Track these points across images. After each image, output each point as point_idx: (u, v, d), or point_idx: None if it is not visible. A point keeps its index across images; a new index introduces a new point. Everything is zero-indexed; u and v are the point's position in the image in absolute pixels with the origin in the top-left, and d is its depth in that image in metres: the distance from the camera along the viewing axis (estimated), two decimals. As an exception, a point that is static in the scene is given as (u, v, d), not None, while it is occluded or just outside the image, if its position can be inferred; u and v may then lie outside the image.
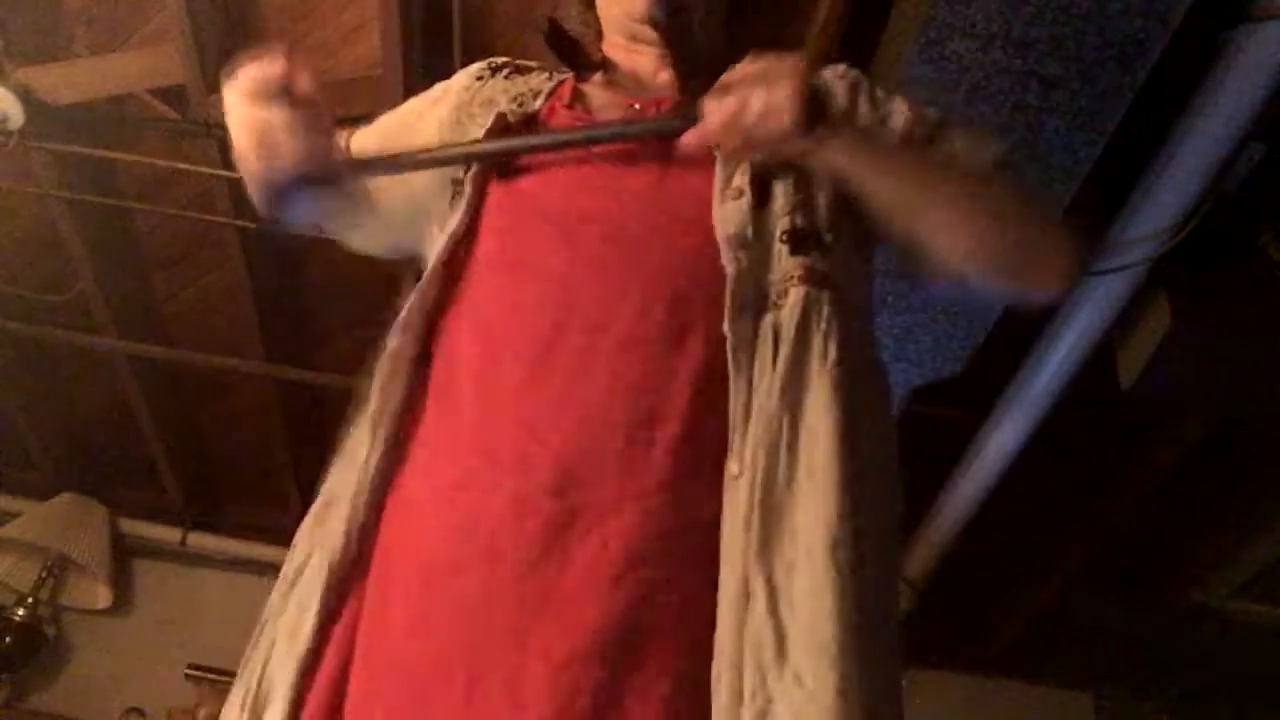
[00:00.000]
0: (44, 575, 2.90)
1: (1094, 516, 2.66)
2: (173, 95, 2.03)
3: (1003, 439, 2.14)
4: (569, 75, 1.02)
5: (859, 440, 0.74)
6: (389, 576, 0.81)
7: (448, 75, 1.90)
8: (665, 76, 0.98)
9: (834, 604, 0.66)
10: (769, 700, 0.65)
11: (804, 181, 0.86)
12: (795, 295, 0.79)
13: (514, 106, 0.96)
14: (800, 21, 1.91)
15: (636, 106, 0.94)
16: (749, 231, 0.81)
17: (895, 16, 1.57)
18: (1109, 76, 1.47)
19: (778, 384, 0.74)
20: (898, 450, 0.83)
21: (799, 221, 0.83)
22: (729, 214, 0.82)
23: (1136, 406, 2.07)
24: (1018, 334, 1.98)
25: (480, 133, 0.94)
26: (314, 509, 0.91)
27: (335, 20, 1.97)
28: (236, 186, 2.14)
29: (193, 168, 2.11)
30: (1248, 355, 1.87)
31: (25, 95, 1.95)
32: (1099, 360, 1.96)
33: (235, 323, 2.48)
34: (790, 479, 0.71)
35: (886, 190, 0.85)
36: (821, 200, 0.86)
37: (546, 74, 1.03)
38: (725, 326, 0.77)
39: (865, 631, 0.67)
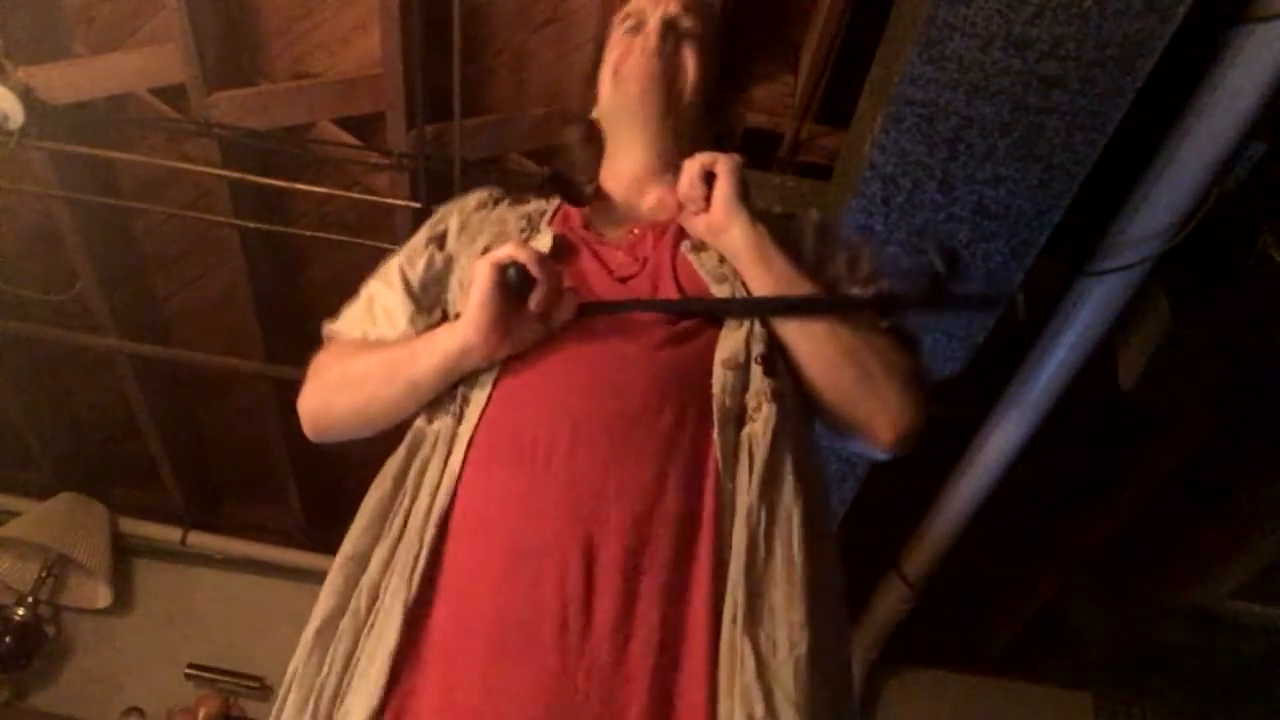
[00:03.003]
0: (44, 575, 2.90)
1: (1094, 516, 2.66)
2: (173, 95, 2.03)
3: (1003, 439, 2.14)
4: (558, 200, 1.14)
5: (818, 526, 0.89)
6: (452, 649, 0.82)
7: (448, 75, 1.91)
8: (652, 199, 1.11)
9: (809, 673, 0.80)
10: None
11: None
12: (767, 411, 0.91)
13: (523, 225, 1.09)
14: (800, 22, 1.91)
15: (636, 232, 1.07)
16: (739, 355, 0.94)
17: (895, 16, 1.58)
18: (1109, 76, 1.47)
19: (756, 486, 0.87)
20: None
21: (766, 347, 0.96)
22: (726, 341, 0.95)
23: (1136, 406, 2.07)
24: (1018, 334, 1.98)
25: (484, 244, 1.05)
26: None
27: (335, 20, 1.97)
28: (236, 186, 2.14)
29: (193, 168, 2.11)
30: (1248, 355, 1.87)
31: (25, 95, 1.95)
32: (1099, 360, 1.96)
33: (235, 323, 2.48)
34: (768, 561, 0.84)
35: (767, 288, 0.99)
36: (768, 329, 0.99)
37: (542, 200, 1.15)
38: (714, 435, 0.88)
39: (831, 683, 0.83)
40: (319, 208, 2.26)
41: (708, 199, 1.01)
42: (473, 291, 0.92)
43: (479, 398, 0.92)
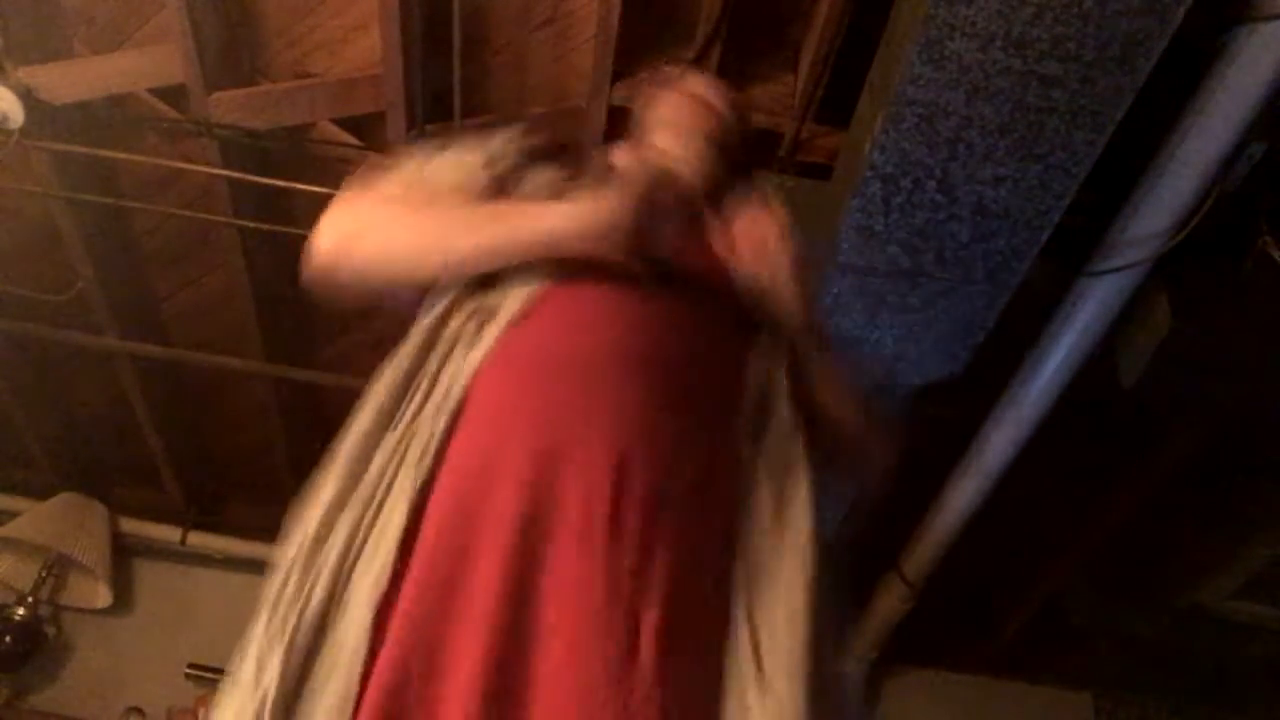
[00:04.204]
0: (44, 575, 2.90)
1: (1094, 516, 2.66)
2: (173, 95, 2.03)
3: (1003, 439, 2.14)
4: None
5: (820, 520, 0.94)
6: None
7: (448, 75, 1.91)
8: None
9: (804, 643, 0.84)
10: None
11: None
12: (785, 408, 0.97)
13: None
14: (800, 22, 1.91)
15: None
16: (768, 384, 0.99)
17: (895, 16, 1.57)
18: (1109, 76, 1.47)
19: (774, 469, 0.92)
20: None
21: (793, 358, 1.01)
22: (758, 365, 0.99)
23: (1136, 406, 2.08)
24: (1018, 334, 1.98)
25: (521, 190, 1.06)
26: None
27: (336, 19, 1.97)
28: (236, 186, 2.14)
29: (193, 167, 2.11)
30: (1248, 355, 1.87)
31: (25, 95, 1.95)
32: (1099, 360, 1.96)
33: (235, 323, 2.48)
34: (776, 552, 0.88)
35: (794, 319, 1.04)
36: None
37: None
38: (741, 432, 0.93)
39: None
40: (319, 208, 2.25)
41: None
42: (628, 182, 0.94)
43: (509, 306, 0.93)
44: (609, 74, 1.90)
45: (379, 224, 1.01)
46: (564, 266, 0.94)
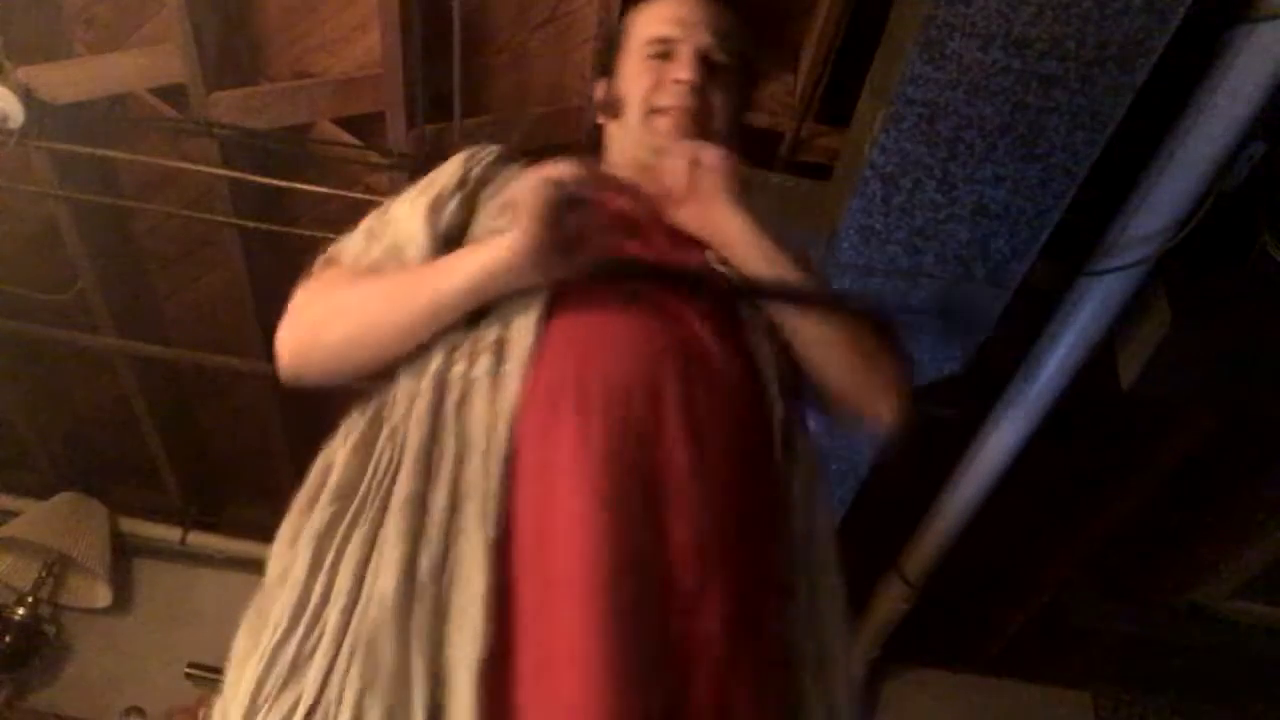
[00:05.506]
0: (44, 575, 2.90)
1: (1094, 516, 2.66)
2: (173, 95, 2.03)
3: (1003, 439, 2.14)
4: None
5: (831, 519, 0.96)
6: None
7: (448, 75, 1.91)
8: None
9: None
10: None
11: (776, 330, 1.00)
12: (803, 443, 0.94)
13: None
14: (800, 22, 1.91)
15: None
16: (775, 373, 0.94)
17: (895, 16, 1.58)
18: (1109, 76, 1.47)
19: (801, 513, 0.90)
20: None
21: (794, 373, 0.98)
22: (763, 352, 0.95)
23: (1136, 406, 2.07)
24: (1018, 334, 1.98)
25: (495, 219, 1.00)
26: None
27: (336, 19, 1.97)
28: (236, 186, 2.14)
29: (193, 167, 2.11)
30: (1248, 355, 1.87)
31: (25, 95, 1.95)
32: (1099, 360, 1.96)
33: (235, 323, 2.48)
34: (814, 598, 0.88)
35: (765, 272, 0.98)
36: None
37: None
38: (778, 456, 0.90)
39: None
40: (319, 208, 2.25)
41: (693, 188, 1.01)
42: (523, 208, 0.87)
43: (521, 339, 0.88)
44: (609, 74, 1.90)
45: (320, 318, 1.00)
46: (544, 289, 0.91)
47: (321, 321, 1.00)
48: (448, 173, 1.07)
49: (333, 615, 0.79)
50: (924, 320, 1.83)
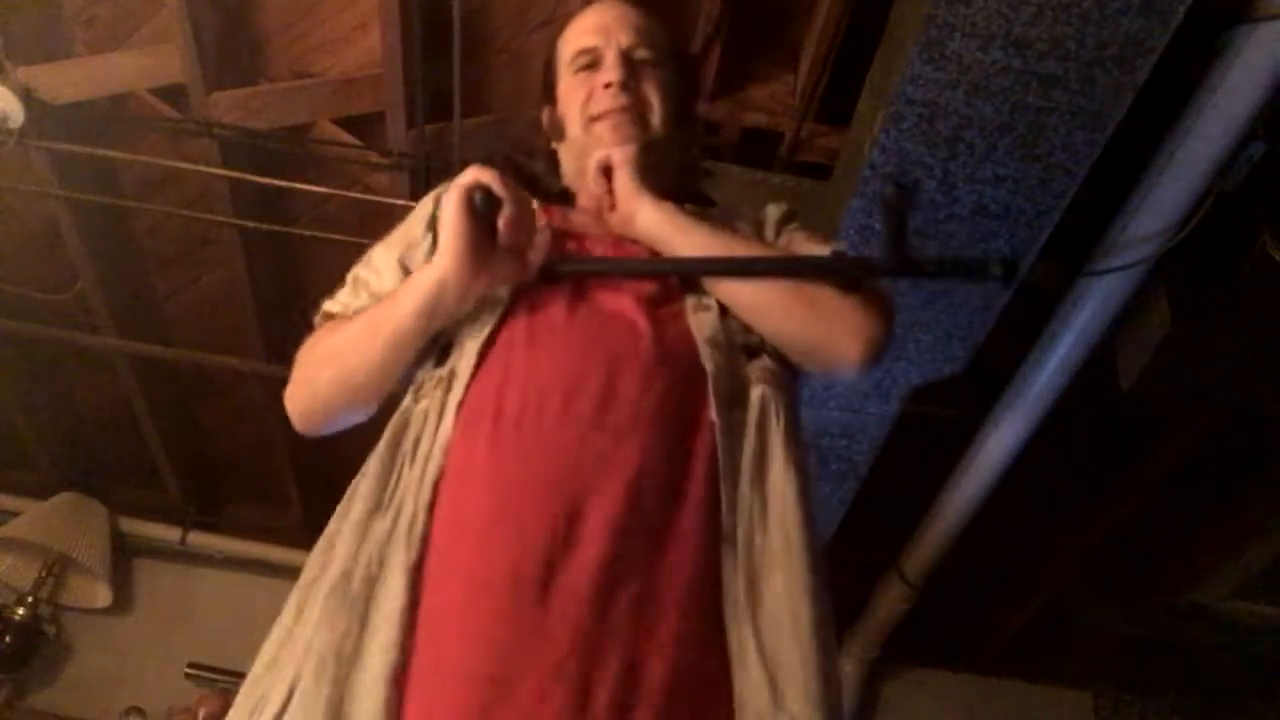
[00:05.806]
0: (44, 575, 2.90)
1: (1094, 516, 2.66)
2: (173, 95, 2.03)
3: (1003, 439, 2.14)
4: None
5: (809, 514, 0.89)
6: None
7: (448, 75, 1.91)
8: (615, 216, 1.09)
9: (815, 658, 0.82)
10: None
11: None
12: (755, 394, 0.93)
13: None
14: (800, 22, 1.92)
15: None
16: (720, 336, 0.96)
17: (895, 16, 1.58)
18: (1109, 76, 1.47)
19: (746, 472, 0.88)
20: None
21: (749, 334, 0.98)
22: (702, 322, 0.97)
23: (1136, 406, 2.08)
24: (1018, 334, 1.98)
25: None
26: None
27: (336, 19, 1.97)
28: (236, 186, 2.14)
29: (193, 167, 2.11)
30: (1248, 355, 1.87)
31: (25, 95, 1.95)
32: (1099, 360, 1.96)
33: (235, 323, 2.48)
34: (765, 549, 0.86)
35: (692, 250, 1.00)
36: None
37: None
38: (712, 414, 0.90)
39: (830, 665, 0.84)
40: (319, 208, 2.26)
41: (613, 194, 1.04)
42: (443, 220, 0.92)
43: (465, 368, 0.92)
44: (609, 74, 1.90)
45: (312, 372, 1.04)
46: (491, 308, 0.95)
47: (314, 371, 1.04)
48: (418, 217, 1.12)
49: (298, 652, 0.84)
50: (924, 318, 1.83)
